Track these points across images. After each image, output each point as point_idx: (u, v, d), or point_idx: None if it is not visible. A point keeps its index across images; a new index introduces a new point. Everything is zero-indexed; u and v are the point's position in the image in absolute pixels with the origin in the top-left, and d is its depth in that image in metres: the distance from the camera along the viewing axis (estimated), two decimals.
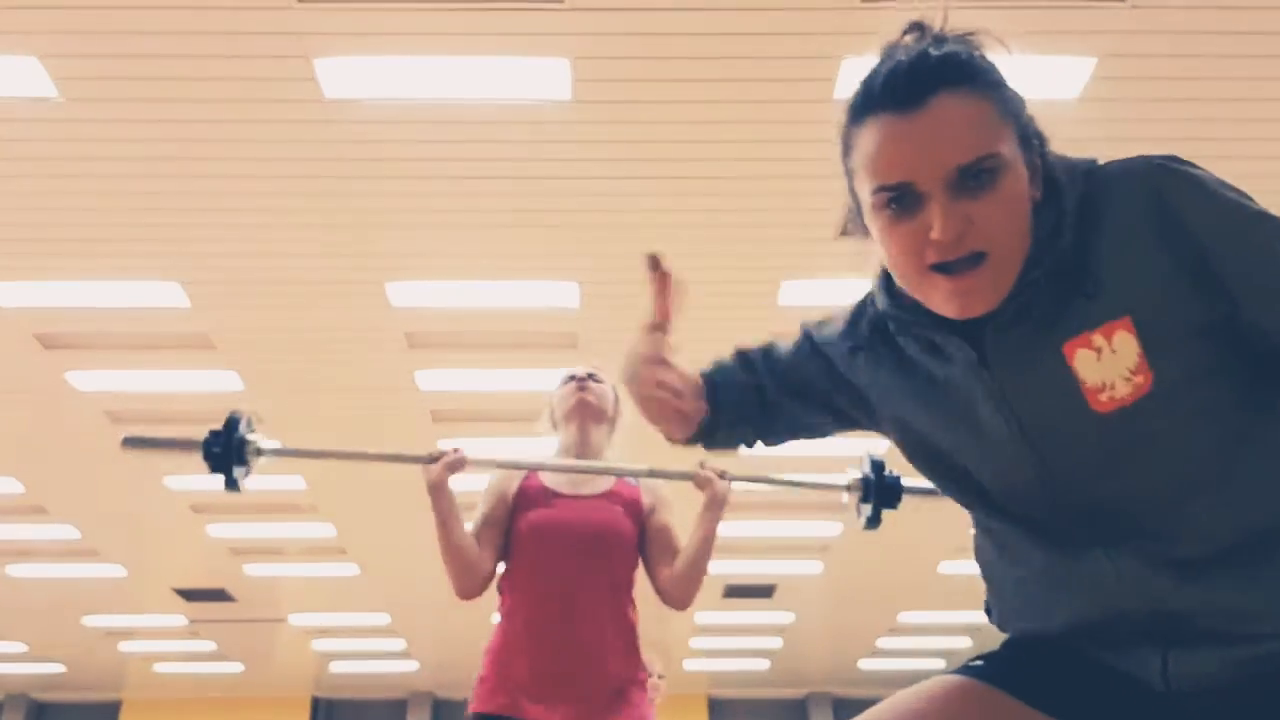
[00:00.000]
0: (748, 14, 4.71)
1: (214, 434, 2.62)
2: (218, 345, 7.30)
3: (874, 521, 2.78)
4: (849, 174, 1.27)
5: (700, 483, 2.64)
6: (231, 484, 2.66)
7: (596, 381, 2.75)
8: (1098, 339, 1.15)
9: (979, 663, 1.30)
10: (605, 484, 2.67)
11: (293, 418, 8.42)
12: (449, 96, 5.16)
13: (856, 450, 2.89)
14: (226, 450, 2.61)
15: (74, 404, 8.05)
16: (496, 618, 2.65)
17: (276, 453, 2.71)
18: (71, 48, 4.83)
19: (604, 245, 6.32)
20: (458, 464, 2.64)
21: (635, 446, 2.81)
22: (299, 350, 7.47)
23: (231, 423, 2.65)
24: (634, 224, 6.15)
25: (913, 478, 2.70)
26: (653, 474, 2.66)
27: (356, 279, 6.60)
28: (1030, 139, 1.20)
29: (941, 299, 1.16)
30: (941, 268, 1.14)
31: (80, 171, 5.61)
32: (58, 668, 16.06)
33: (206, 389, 7.89)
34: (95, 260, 6.37)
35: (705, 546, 2.60)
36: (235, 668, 16.27)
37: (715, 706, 17.96)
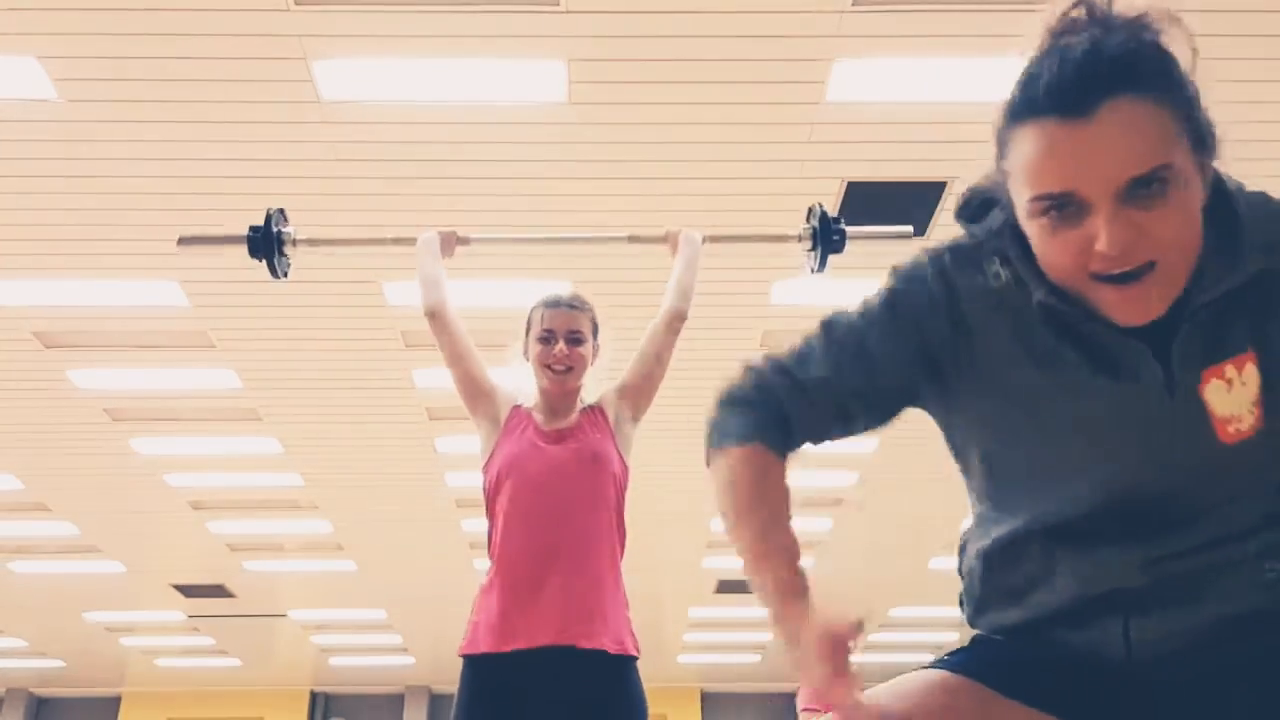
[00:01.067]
0: (741, 17, 4.77)
1: (254, 228, 3.10)
2: (216, 344, 7.36)
3: (821, 266, 3.10)
4: (1003, 173, 1.17)
5: (670, 236, 3.08)
6: (275, 271, 3.15)
7: (575, 343, 2.71)
8: (1229, 370, 1.14)
9: (952, 656, 1.33)
10: (575, 417, 2.72)
11: (290, 415, 8.49)
12: (445, 98, 5.22)
13: None
14: (268, 240, 3.11)
15: (74, 402, 8.11)
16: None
17: (310, 242, 3.28)
18: (70, 49, 4.88)
19: (597, 245, 6.38)
20: (451, 237, 3.13)
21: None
22: (297, 348, 7.53)
23: (268, 218, 3.14)
24: (626, 224, 6.19)
25: (856, 227, 3.04)
26: (631, 239, 3.11)
27: (354, 278, 6.66)
28: (1204, 139, 1.11)
29: (1107, 304, 1.10)
30: (1107, 278, 1.08)
31: (79, 171, 5.66)
32: (58, 663, 16.12)
33: (205, 387, 7.95)
34: (94, 259, 6.42)
35: (690, 265, 2.97)
36: (234, 662, 16.34)
37: (708, 700, 18.05)
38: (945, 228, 6.22)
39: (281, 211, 3.22)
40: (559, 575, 2.49)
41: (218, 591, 12.93)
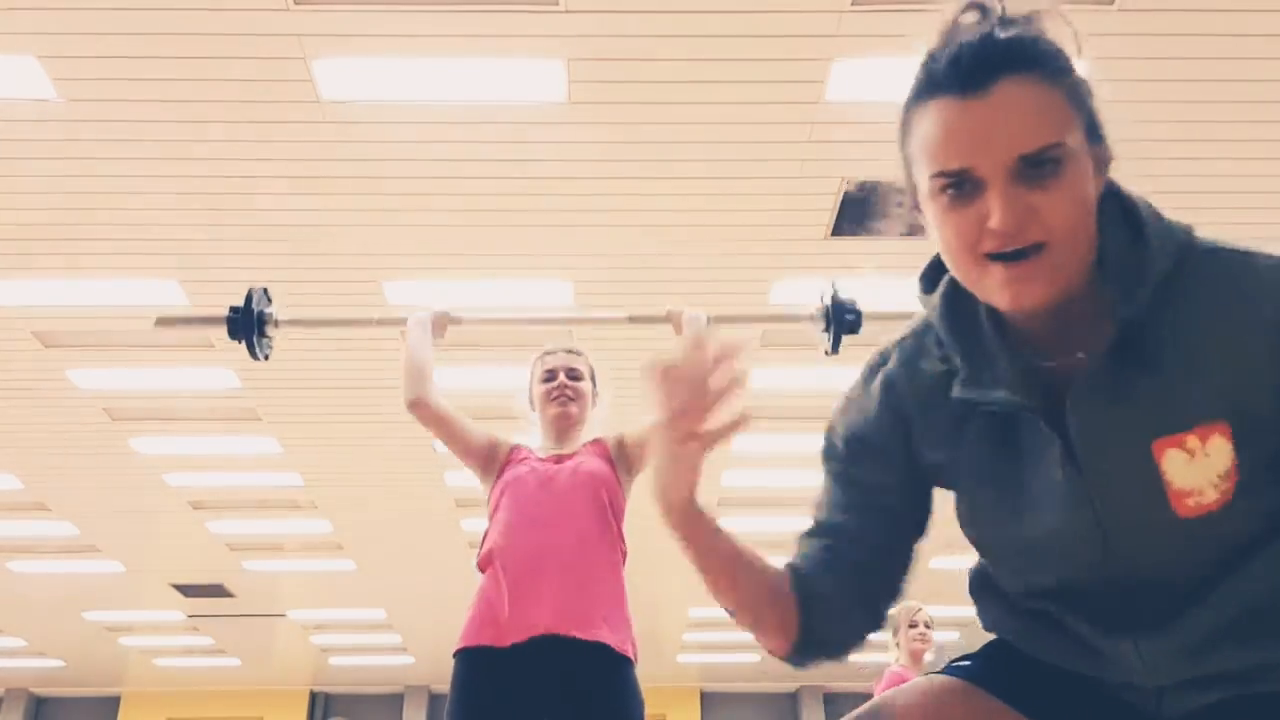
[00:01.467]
0: (740, 16, 4.78)
1: (234, 309, 2.93)
2: (216, 343, 7.36)
3: (835, 347, 3.00)
4: (906, 161, 1.20)
5: (672, 317, 2.92)
6: (255, 353, 3.02)
7: (575, 379, 2.82)
8: (1192, 441, 1.08)
9: (965, 663, 1.31)
10: (577, 447, 2.82)
11: (290, 415, 8.49)
12: (445, 98, 5.22)
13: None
14: (249, 321, 2.97)
15: (74, 402, 8.11)
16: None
17: (291, 322, 3.12)
18: (69, 49, 4.89)
19: (597, 245, 6.39)
20: (444, 317, 3.03)
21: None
22: (296, 348, 7.53)
23: (248, 298, 3.00)
24: (627, 224, 6.22)
25: (871, 307, 2.94)
26: (632, 319, 2.96)
27: (353, 278, 6.66)
28: (1097, 128, 1.14)
29: (995, 286, 1.10)
30: (999, 256, 1.09)
31: (79, 171, 5.67)
32: (57, 662, 16.12)
33: (205, 386, 7.95)
34: (94, 259, 6.43)
35: None
36: (233, 662, 16.34)
37: (708, 700, 18.06)
38: None
39: (265, 291, 3.05)
40: (556, 574, 2.53)
41: (217, 591, 12.93)
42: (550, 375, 2.84)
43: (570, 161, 5.68)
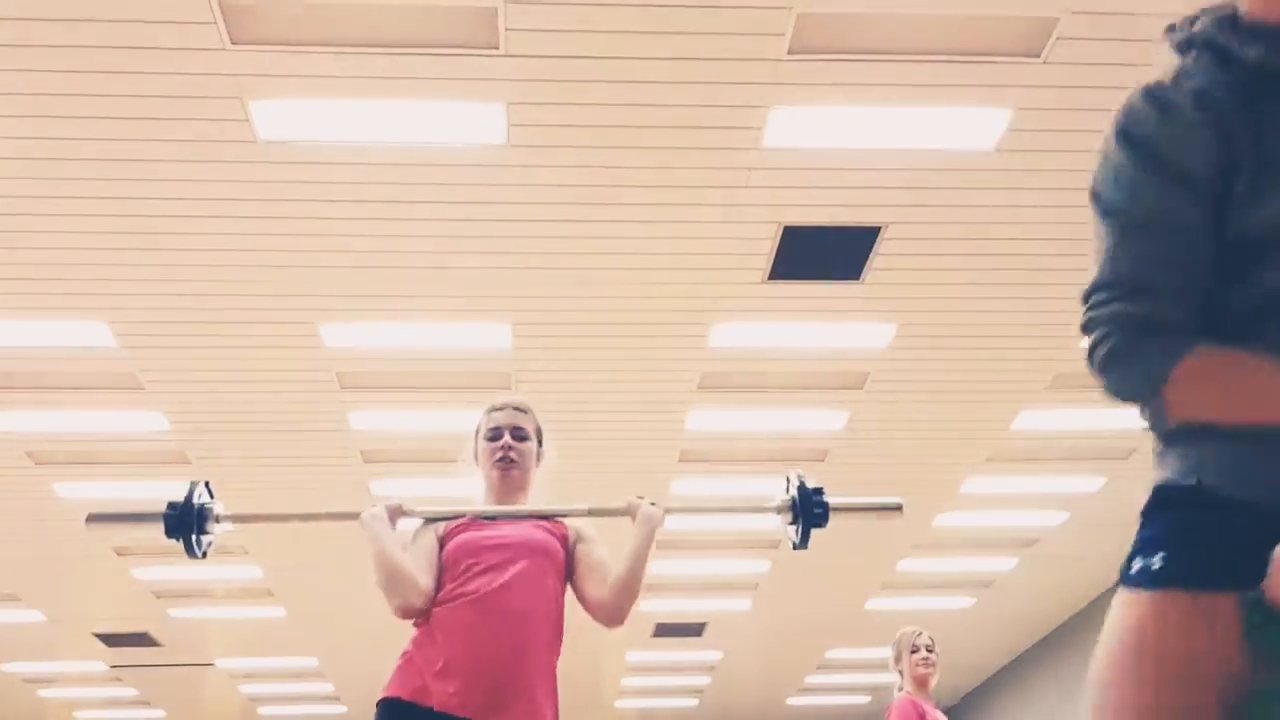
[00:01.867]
0: (680, 63, 4.84)
1: (172, 505, 2.75)
2: (145, 385, 7.22)
3: (804, 541, 2.84)
4: None
5: (631, 509, 2.70)
6: (193, 551, 2.77)
7: (520, 439, 2.76)
8: None
9: (1156, 562, 1.15)
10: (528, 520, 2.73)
11: (220, 458, 8.33)
12: (384, 139, 5.21)
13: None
14: (187, 518, 2.73)
15: None
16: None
17: (234, 519, 2.83)
18: (10, 87, 4.80)
19: (536, 287, 6.39)
20: (396, 510, 2.69)
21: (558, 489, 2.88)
22: (230, 391, 7.42)
23: (190, 492, 2.76)
24: (566, 266, 6.23)
25: (837, 495, 2.79)
26: (591, 512, 2.71)
27: (289, 319, 6.59)
28: None
29: None
30: None
31: (6, 210, 5.55)
32: None
33: (132, 429, 7.78)
34: (19, 298, 6.28)
35: (638, 561, 2.62)
36: (158, 714, 15.87)
37: None
38: (880, 270, 6.34)
39: (206, 485, 2.84)
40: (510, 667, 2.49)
41: (142, 640, 12.58)
42: (495, 434, 2.76)
43: (510, 204, 5.69)
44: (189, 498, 2.76)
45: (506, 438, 2.74)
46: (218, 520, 2.79)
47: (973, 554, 11.00)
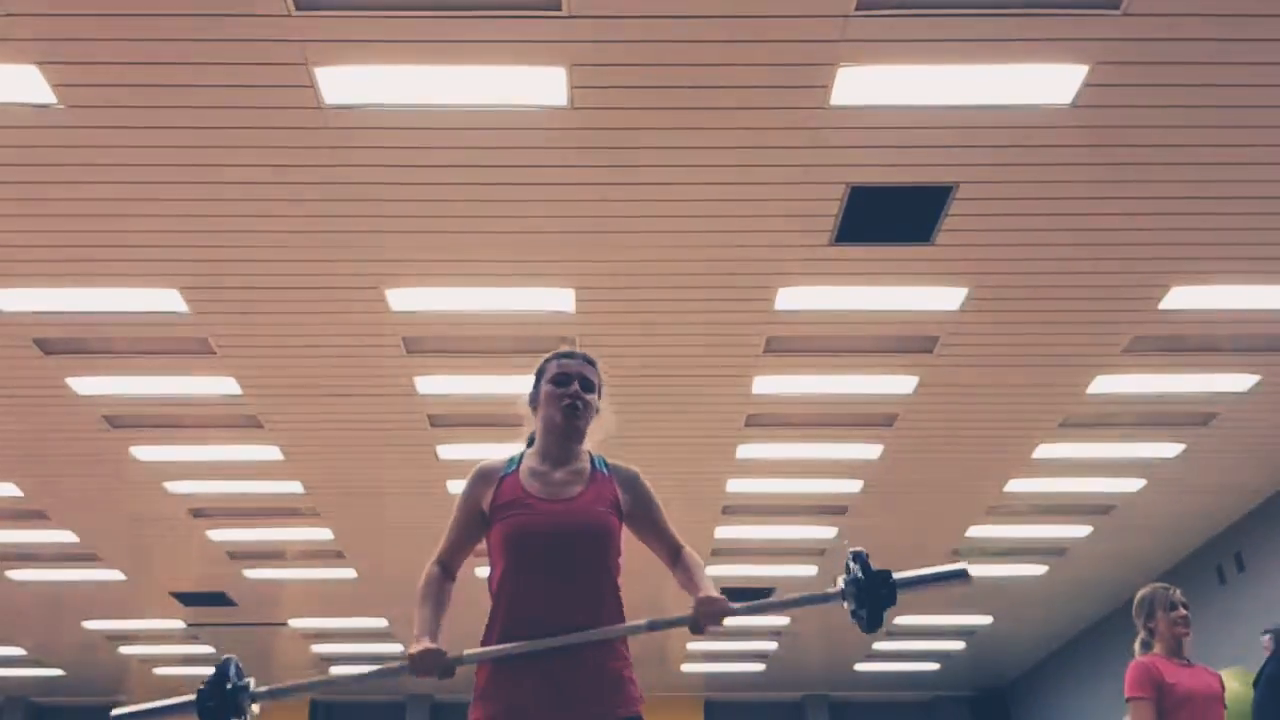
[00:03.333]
0: (744, 22, 4.75)
1: (204, 690, 2.54)
2: (216, 350, 7.33)
3: (875, 625, 2.56)
4: None
5: (701, 623, 2.49)
6: None
7: (587, 390, 2.68)
8: None
9: None
10: (580, 484, 2.60)
11: (290, 422, 8.45)
12: (446, 103, 5.19)
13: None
14: (220, 704, 2.56)
15: (73, 409, 8.07)
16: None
17: (270, 694, 2.62)
18: (70, 55, 4.86)
19: (598, 250, 6.35)
20: (437, 658, 2.56)
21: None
22: (298, 355, 7.50)
23: (221, 673, 2.57)
24: (629, 229, 6.18)
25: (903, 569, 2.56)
26: (652, 627, 2.50)
27: (355, 284, 6.63)
28: None
29: None
30: None
31: (80, 178, 5.64)
32: (57, 671, 16.07)
33: (205, 393, 7.92)
34: (94, 266, 6.40)
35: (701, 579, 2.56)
36: None
37: (711, 709, 17.97)
38: (951, 231, 6.20)
39: (237, 666, 2.61)
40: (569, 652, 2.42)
41: (218, 599, 12.89)
42: (564, 379, 2.68)
43: (572, 168, 5.64)
44: (219, 682, 2.57)
45: (575, 385, 2.67)
46: (254, 700, 2.54)
47: (1046, 521, 10.82)
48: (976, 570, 2.85)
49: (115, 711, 2.78)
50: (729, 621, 2.55)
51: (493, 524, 2.59)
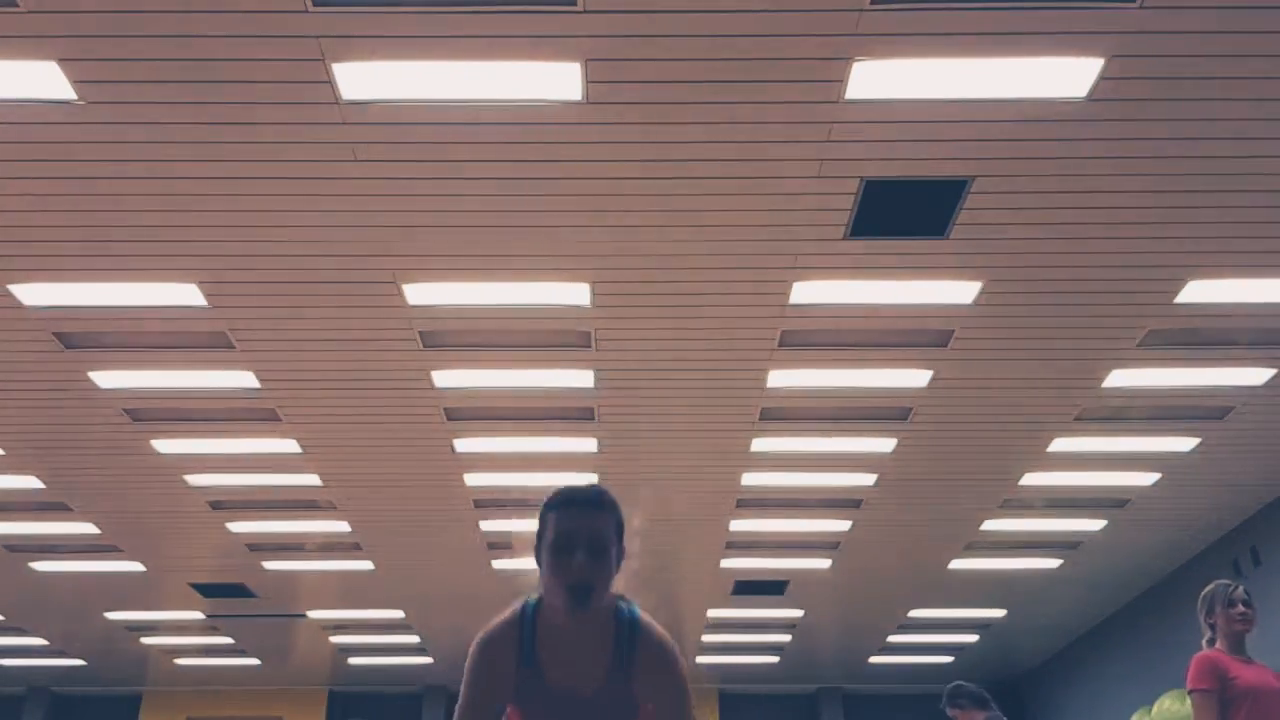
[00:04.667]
0: (759, 16, 4.76)
1: None
2: (235, 344, 7.39)
3: None
4: None
5: None
6: None
7: (599, 555, 2.05)
8: None
9: None
10: (601, 668, 2.16)
11: (308, 415, 8.51)
12: (462, 98, 5.23)
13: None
14: None
15: (94, 402, 8.16)
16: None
17: None
18: (88, 51, 4.91)
19: (615, 245, 6.38)
20: None
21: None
22: (316, 349, 7.56)
23: None
24: (645, 224, 6.21)
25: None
26: None
27: (372, 279, 6.68)
28: None
29: None
30: None
31: (99, 173, 5.70)
32: (79, 661, 16.21)
33: (224, 387, 7.98)
34: (114, 261, 6.46)
35: None
36: (253, 662, 16.40)
37: (726, 701, 18.02)
38: (966, 225, 6.20)
39: None
40: None
41: (237, 591, 12.99)
42: (567, 545, 2.04)
43: (588, 162, 5.67)
44: None
45: (580, 555, 2.03)
46: None
47: (1060, 515, 10.81)
48: (991, 563, 2.83)
49: None
50: (743, 612, 2.49)
51: (512, 699, 2.22)
